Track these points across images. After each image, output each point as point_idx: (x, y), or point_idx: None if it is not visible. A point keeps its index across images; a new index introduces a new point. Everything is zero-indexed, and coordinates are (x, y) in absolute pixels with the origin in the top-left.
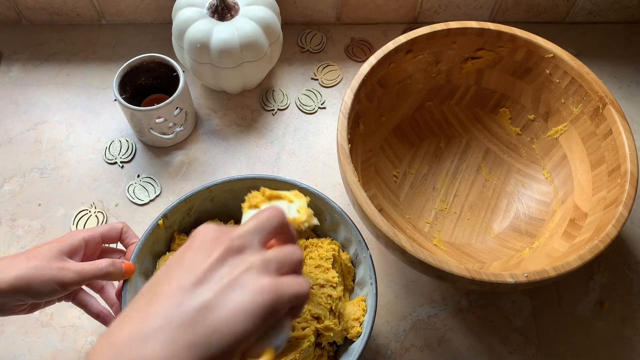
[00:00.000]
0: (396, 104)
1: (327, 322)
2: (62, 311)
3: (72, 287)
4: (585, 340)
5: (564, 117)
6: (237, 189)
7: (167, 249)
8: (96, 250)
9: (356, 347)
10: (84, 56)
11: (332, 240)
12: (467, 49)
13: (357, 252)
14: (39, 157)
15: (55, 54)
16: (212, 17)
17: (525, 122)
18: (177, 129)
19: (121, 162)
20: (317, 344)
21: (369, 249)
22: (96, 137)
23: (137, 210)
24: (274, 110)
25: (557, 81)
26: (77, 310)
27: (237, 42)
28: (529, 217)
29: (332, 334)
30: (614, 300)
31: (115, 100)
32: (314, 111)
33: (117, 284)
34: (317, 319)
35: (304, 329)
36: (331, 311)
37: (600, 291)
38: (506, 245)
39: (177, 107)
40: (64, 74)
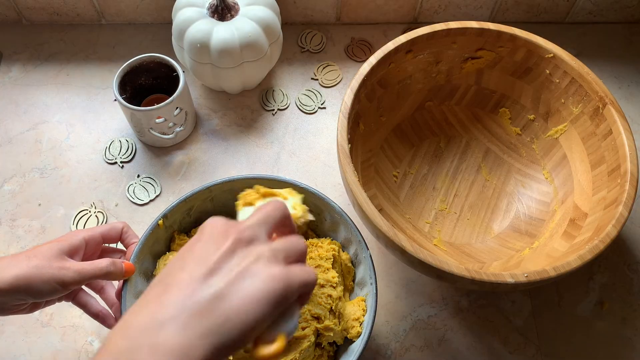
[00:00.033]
0: (396, 104)
1: (327, 322)
2: (62, 311)
3: (72, 287)
4: (585, 340)
5: (564, 117)
6: (237, 189)
7: (167, 249)
8: (96, 250)
9: (356, 347)
10: (84, 56)
11: (332, 240)
12: (467, 49)
13: (357, 252)
14: (39, 157)
15: (55, 54)
16: (212, 17)
17: (525, 122)
18: (177, 129)
19: (121, 162)
20: (317, 344)
21: (369, 249)
22: (96, 137)
23: (137, 210)
24: (274, 110)
25: (557, 81)
26: (77, 310)
27: (237, 42)
28: (529, 217)
29: (332, 334)
30: (614, 300)
31: (115, 100)
32: (314, 111)
33: (116, 284)
34: (317, 319)
35: (304, 329)
36: (331, 311)
37: (600, 291)
38: (506, 245)
39: (177, 107)
40: (64, 74)
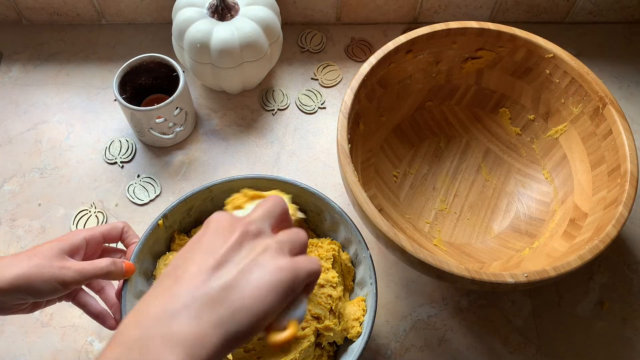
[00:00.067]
0: (396, 104)
1: (327, 322)
2: (62, 311)
3: (73, 286)
4: (585, 340)
5: (564, 117)
6: (237, 189)
7: (167, 249)
8: (97, 249)
9: (356, 347)
10: (84, 56)
11: (332, 240)
12: (467, 49)
13: (357, 252)
14: (39, 157)
15: (55, 54)
16: (212, 17)
17: (525, 122)
18: (177, 129)
19: (121, 162)
20: (317, 344)
21: (369, 249)
22: (96, 137)
23: (137, 210)
24: (274, 110)
25: (557, 81)
26: (77, 310)
27: (237, 42)
28: (529, 217)
29: (332, 334)
30: (614, 300)
31: (115, 100)
32: (314, 111)
33: (116, 285)
34: (317, 319)
35: (304, 329)
36: (331, 311)
37: (600, 291)
38: (506, 245)
39: (177, 107)
40: (64, 74)
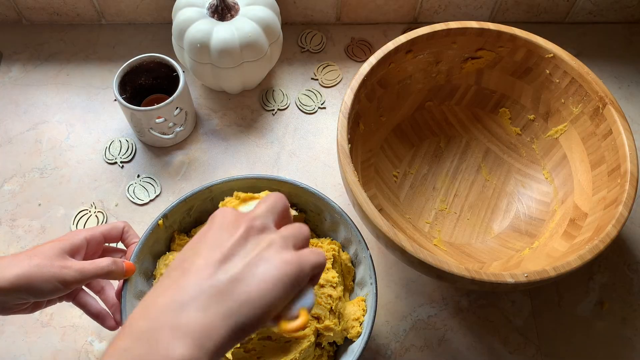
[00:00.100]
0: (396, 104)
1: (327, 322)
2: (62, 311)
3: (73, 286)
4: (585, 340)
5: (564, 117)
6: (237, 189)
7: (167, 249)
8: (98, 249)
9: (356, 347)
10: (84, 56)
11: (332, 240)
12: (467, 49)
13: (357, 252)
14: (39, 157)
15: (55, 54)
16: (212, 17)
17: (525, 122)
18: (177, 129)
19: (121, 162)
20: (317, 344)
21: (369, 249)
22: (96, 137)
23: (137, 210)
24: (274, 110)
25: (557, 81)
26: (77, 310)
27: (237, 42)
28: (529, 217)
29: (332, 334)
30: (614, 300)
31: (115, 100)
32: (314, 111)
33: (116, 285)
34: (317, 319)
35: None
36: (331, 311)
37: (600, 291)
38: (506, 245)
39: (177, 107)
40: (64, 74)
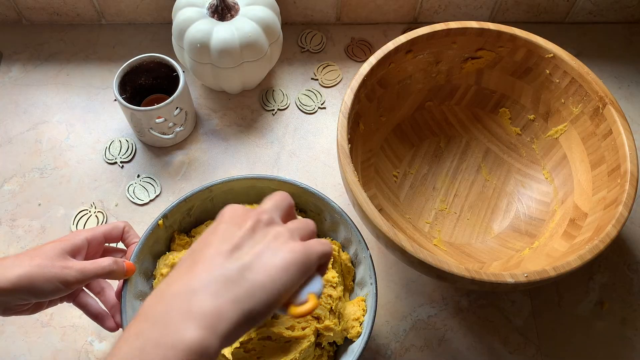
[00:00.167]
0: (396, 104)
1: (327, 322)
2: (62, 311)
3: (75, 286)
4: (585, 340)
5: (564, 117)
6: (237, 189)
7: (167, 249)
8: (99, 249)
9: (356, 347)
10: (84, 56)
11: (332, 240)
12: (467, 49)
13: (357, 252)
14: (39, 157)
15: (55, 54)
16: (212, 17)
17: (525, 122)
18: (177, 129)
19: (121, 162)
20: (317, 344)
21: (369, 249)
22: (96, 137)
23: (137, 210)
24: (274, 110)
25: (557, 81)
26: (77, 310)
27: (237, 42)
28: (529, 217)
29: (332, 334)
30: (614, 300)
31: (115, 100)
32: (314, 111)
33: (116, 287)
34: (317, 319)
35: (304, 329)
36: (331, 311)
37: (600, 291)
38: (506, 245)
39: (177, 107)
40: (64, 74)
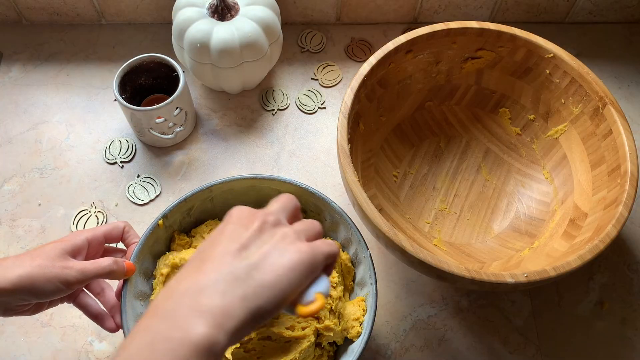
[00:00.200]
0: (396, 104)
1: (327, 322)
2: (62, 311)
3: (75, 286)
4: (585, 340)
5: (564, 117)
6: (237, 189)
7: (167, 249)
8: (99, 249)
9: (356, 347)
10: (84, 56)
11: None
12: (467, 49)
13: (357, 252)
14: (39, 157)
15: (55, 54)
16: (212, 17)
17: (525, 122)
18: (177, 129)
19: (121, 162)
20: (317, 344)
21: (369, 249)
22: (96, 137)
23: (137, 210)
24: (274, 110)
25: (557, 81)
26: (77, 310)
27: (237, 42)
28: (529, 217)
29: (332, 334)
30: (614, 300)
31: (115, 100)
32: (314, 111)
33: (116, 287)
34: (317, 319)
35: (304, 329)
36: (331, 311)
37: (600, 291)
38: (506, 245)
39: (177, 107)
40: (64, 74)
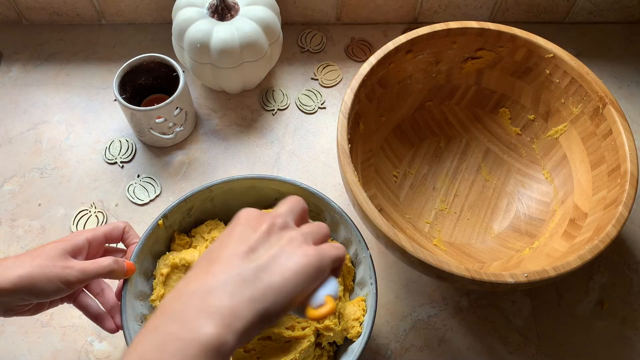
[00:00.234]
0: (396, 104)
1: (327, 322)
2: (62, 311)
3: (76, 286)
4: (585, 340)
5: (564, 117)
6: (237, 189)
7: (167, 249)
8: (99, 250)
9: (356, 347)
10: (84, 56)
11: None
12: (467, 49)
13: (357, 252)
14: (39, 157)
15: (55, 54)
16: (212, 17)
17: (525, 122)
18: (177, 129)
19: (121, 162)
20: (317, 344)
21: (369, 249)
22: (96, 137)
23: (137, 210)
24: (274, 110)
25: (557, 81)
26: (77, 310)
27: (237, 42)
28: (529, 217)
29: (332, 334)
30: (614, 300)
31: (115, 100)
32: (314, 111)
33: (115, 288)
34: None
35: (304, 329)
36: None
37: (600, 291)
38: (506, 245)
39: (177, 107)
40: (64, 74)
